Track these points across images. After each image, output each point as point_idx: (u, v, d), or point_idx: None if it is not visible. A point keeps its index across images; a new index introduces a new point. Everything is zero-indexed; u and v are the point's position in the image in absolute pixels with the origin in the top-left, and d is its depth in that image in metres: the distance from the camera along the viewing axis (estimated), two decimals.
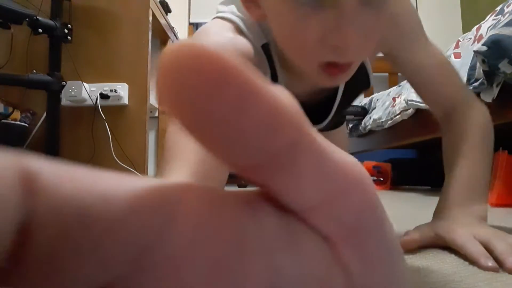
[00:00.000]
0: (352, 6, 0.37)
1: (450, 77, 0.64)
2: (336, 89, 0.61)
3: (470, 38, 1.20)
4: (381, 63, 2.79)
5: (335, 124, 0.99)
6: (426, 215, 0.79)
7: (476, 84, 1.07)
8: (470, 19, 3.11)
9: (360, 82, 0.61)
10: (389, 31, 0.56)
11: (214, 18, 0.55)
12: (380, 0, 0.39)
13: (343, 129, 1.04)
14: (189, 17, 3.33)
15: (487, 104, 1.05)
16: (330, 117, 0.64)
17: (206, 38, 0.50)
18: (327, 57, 0.40)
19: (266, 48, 0.55)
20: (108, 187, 0.08)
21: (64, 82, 1.36)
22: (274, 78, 0.57)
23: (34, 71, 1.30)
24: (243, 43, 0.51)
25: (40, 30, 1.28)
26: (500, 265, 0.36)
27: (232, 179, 2.04)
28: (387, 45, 0.61)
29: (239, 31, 0.52)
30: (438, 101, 0.65)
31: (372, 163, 2.11)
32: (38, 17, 1.27)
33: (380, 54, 0.68)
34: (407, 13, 0.60)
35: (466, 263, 0.38)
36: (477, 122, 0.60)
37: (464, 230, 0.43)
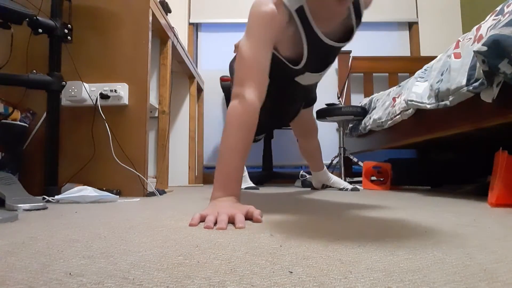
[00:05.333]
0: None
1: None
2: (351, 27, 1.01)
3: (470, 38, 1.20)
4: (381, 63, 2.88)
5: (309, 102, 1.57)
6: (426, 215, 0.79)
7: (476, 84, 1.07)
8: (470, 19, 3.11)
9: (360, 12, 1.01)
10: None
11: None
12: None
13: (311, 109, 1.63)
14: (189, 17, 3.33)
15: (487, 104, 1.05)
16: (353, 36, 1.03)
17: (258, 8, 0.90)
18: None
19: (301, 10, 0.92)
20: None
21: (64, 82, 1.36)
22: (310, 30, 0.94)
23: (34, 71, 1.30)
24: (280, 12, 0.90)
25: (40, 30, 1.28)
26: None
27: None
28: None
29: (280, 1, 0.90)
30: None
31: (372, 163, 2.11)
32: (38, 17, 1.27)
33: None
34: None
35: (467, 263, 0.38)
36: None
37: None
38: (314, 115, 2.51)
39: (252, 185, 2.04)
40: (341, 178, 2.36)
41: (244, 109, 0.83)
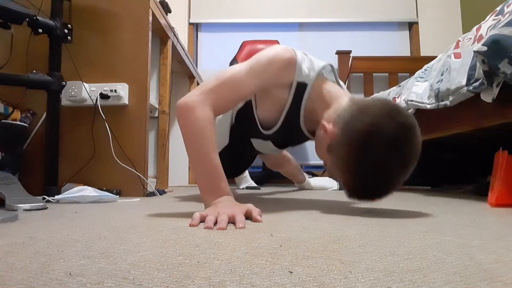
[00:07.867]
0: None
1: None
2: None
3: (470, 38, 1.20)
4: (381, 63, 2.87)
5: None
6: (426, 215, 0.79)
7: (476, 84, 1.07)
8: (470, 19, 3.11)
9: None
10: None
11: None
12: None
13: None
14: (189, 17, 3.33)
15: (487, 104, 1.05)
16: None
17: (279, 49, 0.87)
18: None
19: (301, 85, 0.89)
20: None
21: (64, 82, 1.36)
22: (296, 109, 0.93)
23: (34, 71, 1.30)
24: (291, 69, 0.88)
25: (40, 30, 1.28)
26: None
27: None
28: None
29: (294, 62, 0.88)
30: None
31: None
32: (38, 17, 1.27)
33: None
34: None
35: (467, 263, 0.38)
36: None
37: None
38: None
39: (254, 184, 2.05)
40: None
41: (201, 121, 0.79)
